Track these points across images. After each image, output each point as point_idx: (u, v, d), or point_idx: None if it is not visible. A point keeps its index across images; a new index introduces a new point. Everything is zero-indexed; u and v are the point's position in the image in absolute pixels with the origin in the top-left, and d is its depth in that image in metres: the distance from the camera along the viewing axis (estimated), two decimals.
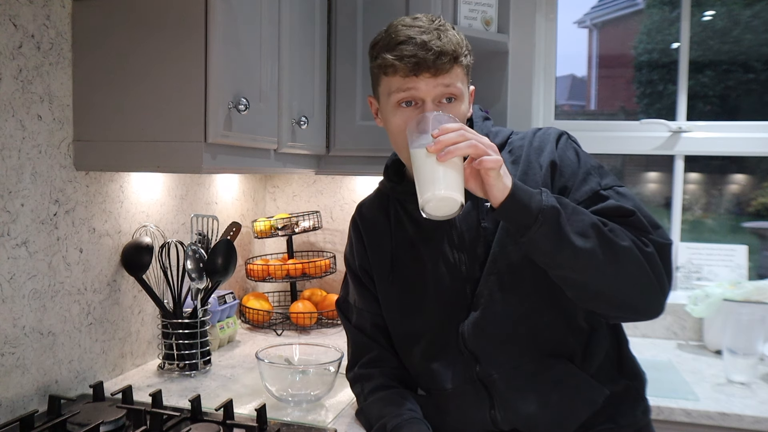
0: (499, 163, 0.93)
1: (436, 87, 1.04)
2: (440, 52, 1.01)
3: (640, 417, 1.15)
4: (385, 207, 1.23)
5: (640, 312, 1.05)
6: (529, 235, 0.95)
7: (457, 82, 1.06)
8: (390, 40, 1.05)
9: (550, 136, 1.13)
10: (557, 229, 0.94)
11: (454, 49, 1.03)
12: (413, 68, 1.02)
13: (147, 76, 1.22)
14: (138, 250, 1.47)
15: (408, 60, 1.02)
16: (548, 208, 0.94)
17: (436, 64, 1.02)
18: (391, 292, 1.20)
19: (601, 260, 0.96)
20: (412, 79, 1.03)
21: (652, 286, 1.00)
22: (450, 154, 0.92)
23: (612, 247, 0.97)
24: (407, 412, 1.09)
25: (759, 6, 2.17)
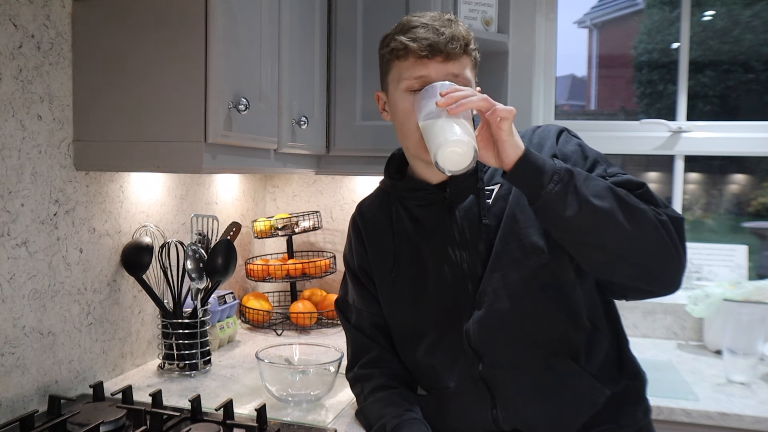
0: (512, 113, 0.94)
1: (447, 74, 1.06)
2: (452, 37, 1.05)
3: (641, 417, 1.15)
4: (386, 206, 1.23)
5: (658, 280, 1.02)
6: (544, 196, 0.93)
7: (466, 71, 1.08)
8: (403, 26, 1.09)
9: (551, 132, 1.13)
10: (573, 189, 0.94)
11: (464, 37, 1.07)
12: (426, 50, 1.05)
13: (147, 76, 1.22)
14: (138, 250, 1.47)
15: (421, 41, 1.05)
16: (562, 169, 0.95)
17: (447, 48, 1.04)
18: (392, 291, 1.20)
19: (620, 219, 0.95)
20: (424, 62, 1.06)
21: (669, 252, 0.98)
22: (462, 107, 0.92)
23: (629, 207, 0.96)
24: (407, 413, 1.09)
25: (759, 6, 2.17)
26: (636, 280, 1.02)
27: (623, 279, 1.03)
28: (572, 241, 1.00)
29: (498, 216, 1.10)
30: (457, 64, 1.06)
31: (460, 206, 1.12)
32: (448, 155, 0.93)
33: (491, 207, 1.10)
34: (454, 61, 1.06)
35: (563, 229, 0.98)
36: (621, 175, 1.04)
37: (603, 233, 0.96)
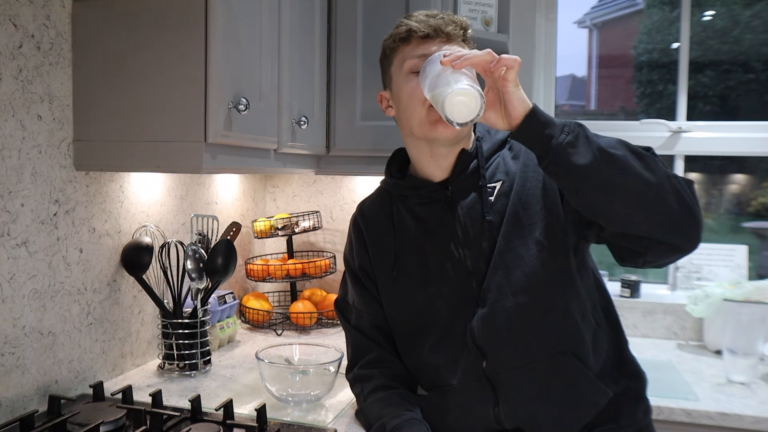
0: (517, 62, 0.94)
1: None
2: (451, 20, 1.11)
3: (641, 417, 1.15)
4: (386, 205, 1.24)
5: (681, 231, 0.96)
6: (554, 147, 0.91)
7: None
8: (406, 19, 1.14)
9: None
10: (584, 139, 0.93)
11: (463, 23, 1.12)
12: (428, 29, 1.10)
13: (147, 76, 1.22)
14: (138, 250, 1.47)
15: (424, 23, 1.11)
16: (572, 122, 0.94)
17: (448, 29, 1.10)
18: (394, 290, 1.20)
19: (636, 165, 0.93)
20: (427, 42, 1.10)
21: (686, 201, 0.95)
22: (465, 61, 0.94)
23: (643, 156, 0.95)
24: (407, 413, 1.09)
25: (759, 6, 2.17)
26: (659, 228, 0.96)
27: (645, 229, 0.96)
28: (589, 194, 0.95)
29: (500, 213, 1.10)
30: (458, 45, 1.10)
31: (462, 203, 1.12)
32: (455, 104, 0.94)
33: (494, 204, 1.11)
34: (455, 42, 1.10)
35: (578, 182, 0.94)
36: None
37: (620, 179, 0.93)
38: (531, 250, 1.07)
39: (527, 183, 1.10)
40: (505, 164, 1.13)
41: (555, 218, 1.08)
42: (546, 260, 1.06)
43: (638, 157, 0.95)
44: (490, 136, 1.16)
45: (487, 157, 1.14)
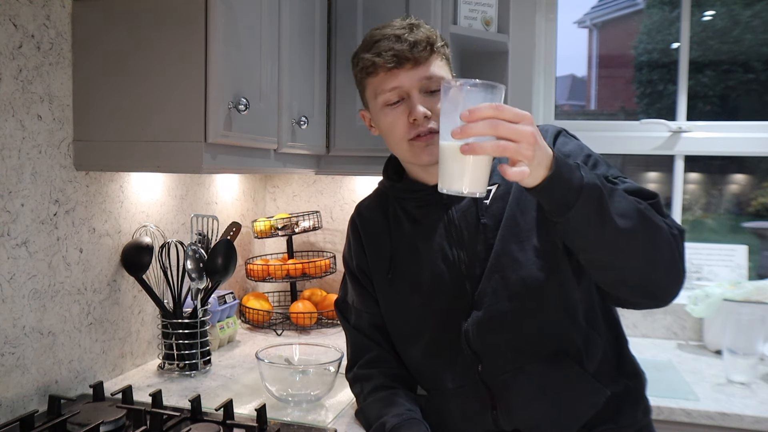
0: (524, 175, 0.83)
1: (420, 79, 1.06)
2: (415, 42, 1.05)
3: (641, 417, 1.15)
4: (384, 207, 1.24)
5: (659, 297, 1.00)
6: (569, 215, 0.88)
7: (439, 71, 1.07)
8: (367, 43, 1.10)
9: (548, 132, 1.13)
10: (599, 209, 0.88)
11: (428, 37, 1.06)
12: (393, 61, 1.05)
13: (147, 76, 1.22)
14: (138, 250, 1.47)
15: (386, 54, 1.05)
16: (589, 185, 0.87)
17: (413, 53, 1.05)
18: (390, 292, 1.20)
19: (640, 242, 0.92)
20: (394, 73, 1.06)
21: (677, 271, 0.97)
22: (473, 152, 0.82)
23: (651, 227, 0.93)
24: (406, 413, 1.09)
25: (759, 6, 2.17)
26: (638, 296, 1.01)
27: (626, 295, 1.02)
28: (588, 258, 0.96)
29: (496, 216, 1.09)
30: (427, 67, 1.06)
31: (457, 207, 1.12)
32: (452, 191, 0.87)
33: (489, 207, 1.10)
34: (423, 65, 1.06)
35: (582, 247, 0.95)
36: (631, 184, 1.01)
37: (620, 255, 0.93)
38: (528, 255, 1.06)
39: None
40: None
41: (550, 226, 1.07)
42: (542, 266, 1.06)
43: (646, 228, 0.93)
44: None
45: None
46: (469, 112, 0.81)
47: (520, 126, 0.82)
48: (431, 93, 1.07)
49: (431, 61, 1.07)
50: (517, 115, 0.82)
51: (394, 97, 1.08)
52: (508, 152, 0.81)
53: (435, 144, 1.05)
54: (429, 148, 1.07)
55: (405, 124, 1.08)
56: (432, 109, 1.06)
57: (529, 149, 0.82)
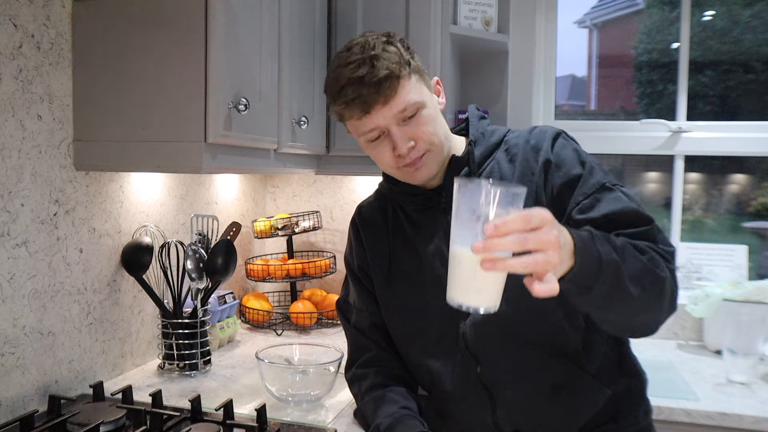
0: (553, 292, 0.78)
1: (394, 116, 1.03)
2: (378, 82, 1.00)
3: (642, 417, 1.15)
4: (383, 208, 1.24)
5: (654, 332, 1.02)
6: (589, 296, 0.88)
7: (412, 96, 1.04)
8: (333, 88, 1.05)
9: (546, 134, 1.11)
10: (617, 283, 0.88)
11: (391, 71, 1.01)
12: (362, 107, 1.02)
13: (147, 76, 1.22)
14: (138, 250, 1.47)
15: (354, 103, 1.02)
16: (608, 262, 0.86)
17: (380, 93, 1.01)
18: (389, 293, 1.20)
19: (649, 301, 0.94)
20: (368, 117, 1.04)
21: (674, 308, 1.00)
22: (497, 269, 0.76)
23: (658, 284, 0.95)
24: (401, 410, 1.08)
25: (759, 6, 2.17)
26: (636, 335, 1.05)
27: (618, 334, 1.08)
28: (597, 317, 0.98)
29: None
30: (398, 101, 1.02)
31: None
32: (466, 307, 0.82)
33: None
34: (393, 99, 1.02)
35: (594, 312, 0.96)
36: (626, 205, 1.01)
37: (630, 315, 0.96)
38: None
39: None
40: (499, 168, 1.11)
41: None
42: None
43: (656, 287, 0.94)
44: (484, 138, 1.15)
45: (480, 162, 1.13)
46: (495, 227, 0.74)
47: (544, 232, 0.76)
48: (411, 118, 1.05)
49: (400, 92, 1.02)
50: (542, 219, 0.76)
51: (374, 134, 1.06)
52: (537, 267, 0.76)
53: (425, 165, 1.07)
54: (420, 170, 1.08)
55: (391, 156, 1.07)
56: (415, 136, 1.05)
57: (556, 256, 0.77)
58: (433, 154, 1.08)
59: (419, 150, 1.06)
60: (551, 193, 1.06)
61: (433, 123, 1.07)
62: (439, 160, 1.09)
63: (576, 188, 1.04)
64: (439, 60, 1.73)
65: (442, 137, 1.09)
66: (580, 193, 1.03)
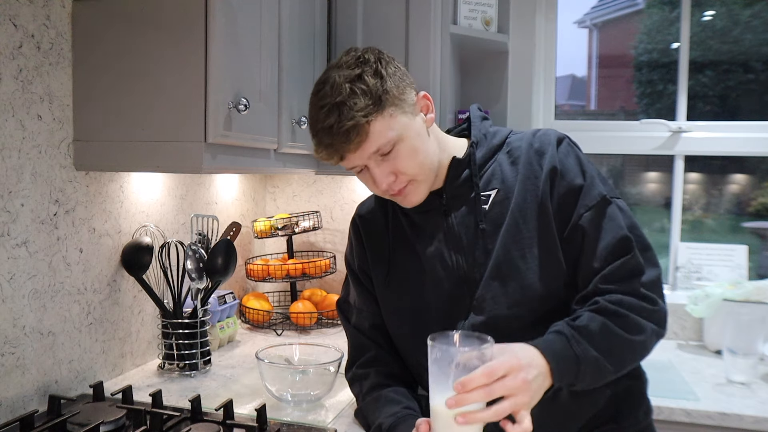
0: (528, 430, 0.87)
1: (368, 157, 1.04)
2: (347, 131, 1.00)
3: (642, 417, 1.14)
4: (383, 209, 1.23)
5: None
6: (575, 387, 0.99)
7: (386, 135, 1.02)
8: (311, 130, 1.07)
9: (551, 138, 1.11)
10: (599, 370, 0.98)
11: (356, 121, 0.99)
12: (337, 155, 1.04)
13: (147, 76, 1.22)
14: (138, 250, 1.47)
15: (328, 150, 1.04)
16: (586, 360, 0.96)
17: (349, 142, 1.01)
18: (389, 294, 1.19)
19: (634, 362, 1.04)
20: (345, 161, 1.06)
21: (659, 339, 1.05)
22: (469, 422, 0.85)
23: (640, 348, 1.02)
24: (402, 410, 1.09)
25: (759, 6, 2.17)
26: None
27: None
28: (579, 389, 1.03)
29: (496, 221, 1.09)
30: (371, 142, 1.02)
31: (456, 212, 1.12)
32: None
33: (488, 212, 1.10)
34: (366, 142, 1.02)
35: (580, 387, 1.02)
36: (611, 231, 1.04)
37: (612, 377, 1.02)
38: (529, 263, 1.06)
39: (528, 195, 1.08)
40: (501, 171, 1.11)
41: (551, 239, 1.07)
42: (543, 275, 1.06)
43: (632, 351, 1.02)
44: (486, 140, 1.15)
45: (481, 164, 1.13)
46: (462, 384, 0.84)
47: (511, 379, 0.86)
48: (389, 153, 1.04)
49: (371, 136, 1.01)
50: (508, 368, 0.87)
51: (357, 170, 1.09)
52: (506, 413, 0.86)
53: (412, 193, 1.09)
54: (407, 198, 1.10)
55: (375, 187, 1.09)
56: (395, 170, 1.05)
57: (526, 395, 0.88)
58: (418, 183, 1.09)
59: (401, 182, 1.07)
60: (556, 202, 1.07)
61: (414, 153, 1.06)
62: (428, 184, 1.10)
63: (579, 199, 1.06)
64: (439, 60, 1.73)
65: (428, 162, 1.08)
66: (582, 205, 1.05)
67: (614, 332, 0.99)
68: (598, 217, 1.05)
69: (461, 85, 2.09)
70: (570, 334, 0.97)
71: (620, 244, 1.04)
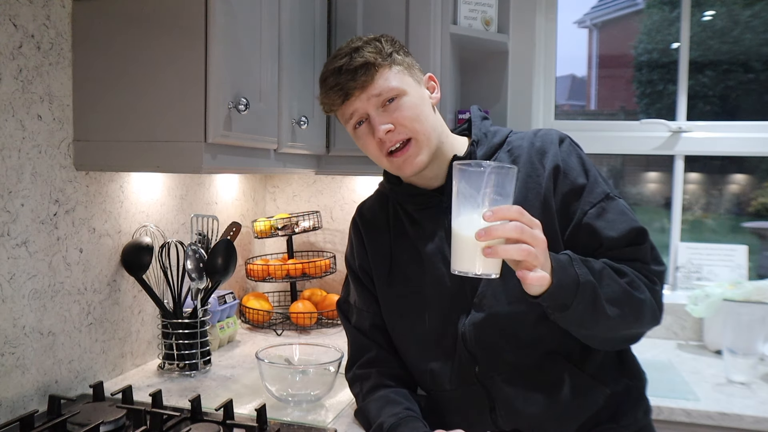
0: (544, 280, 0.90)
1: (370, 99, 1.08)
2: (354, 70, 1.06)
3: (642, 417, 1.15)
4: (384, 208, 1.24)
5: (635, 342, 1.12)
6: (567, 312, 0.96)
7: (390, 83, 1.07)
8: (321, 81, 1.12)
9: (553, 137, 1.12)
10: (593, 304, 0.96)
11: (366, 60, 1.06)
12: (341, 95, 1.08)
13: (147, 76, 1.22)
14: (138, 250, 1.47)
15: (332, 91, 1.08)
16: (584, 284, 0.95)
17: (356, 80, 1.06)
18: (389, 293, 1.20)
19: (628, 321, 1.02)
20: (347, 103, 1.09)
21: (654, 324, 1.07)
22: (496, 255, 0.86)
23: (636, 306, 1.01)
24: (404, 411, 1.09)
25: (759, 6, 2.17)
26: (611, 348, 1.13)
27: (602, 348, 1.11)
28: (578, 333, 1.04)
29: None
30: (374, 86, 1.07)
31: None
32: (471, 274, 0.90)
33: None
34: (370, 85, 1.07)
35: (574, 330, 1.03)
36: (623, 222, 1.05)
37: (608, 333, 1.03)
38: None
39: (529, 194, 1.09)
40: None
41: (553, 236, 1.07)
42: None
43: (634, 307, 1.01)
44: (486, 139, 1.15)
45: None
46: (493, 212, 0.86)
47: (537, 231, 0.89)
48: (390, 102, 1.08)
49: (376, 79, 1.07)
50: (532, 220, 0.89)
51: (355, 120, 1.10)
52: (530, 257, 0.87)
53: (412, 156, 1.09)
54: (408, 161, 1.09)
55: (374, 142, 1.10)
56: (394, 121, 1.08)
57: (543, 255, 0.89)
58: (418, 143, 1.09)
59: (399, 134, 1.08)
60: (559, 200, 1.07)
61: (415, 110, 1.08)
62: (428, 150, 1.10)
63: (582, 197, 1.07)
64: (439, 60, 1.73)
65: (429, 127, 1.10)
66: (586, 203, 1.06)
67: (614, 277, 1.00)
68: (605, 212, 1.06)
69: (461, 85, 2.09)
70: (574, 257, 0.98)
71: (634, 232, 1.05)
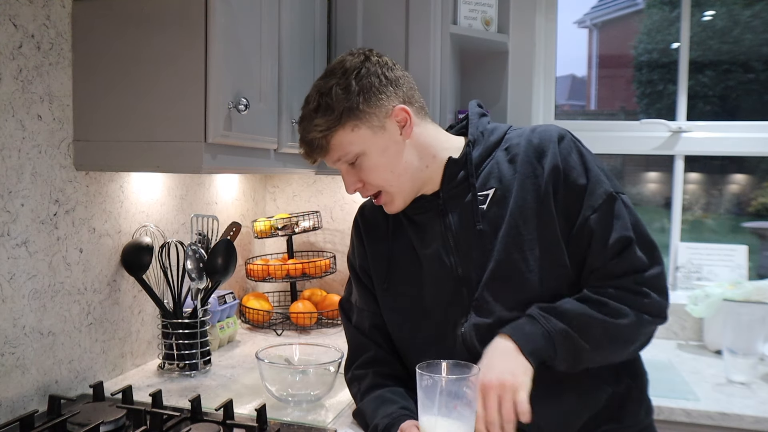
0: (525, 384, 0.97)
1: (335, 163, 1.12)
2: (310, 141, 1.09)
3: (644, 417, 1.14)
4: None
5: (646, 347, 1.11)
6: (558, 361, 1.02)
7: (345, 147, 1.09)
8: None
9: (552, 135, 1.11)
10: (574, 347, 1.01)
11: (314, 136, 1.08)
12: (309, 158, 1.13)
13: (147, 76, 1.22)
14: (138, 250, 1.47)
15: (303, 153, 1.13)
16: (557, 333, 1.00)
17: (313, 151, 1.10)
18: (389, 293, 1.19)
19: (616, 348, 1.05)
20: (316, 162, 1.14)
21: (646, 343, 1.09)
22: None
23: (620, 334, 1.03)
24: (398, 410, 1.08)
25: (759, 6, 2.17)
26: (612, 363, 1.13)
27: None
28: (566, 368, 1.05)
29: (493, 222, 1.08)
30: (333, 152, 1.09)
31: (453, 213, 1.12)
32: None
33: (485, 213, 1.09)
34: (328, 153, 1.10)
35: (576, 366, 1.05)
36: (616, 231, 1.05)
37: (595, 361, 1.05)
38: (530, 265, 1.06)
39: (527, 195, 1.08)
40: (499, 169, 1.10)
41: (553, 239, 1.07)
42: (544, 276, 1.06)
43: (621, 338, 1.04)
44: (483, 138, 1.14)
45: (477, 163, 1.12)
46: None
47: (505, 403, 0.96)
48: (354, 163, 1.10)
49: (332, 147, 1.09)
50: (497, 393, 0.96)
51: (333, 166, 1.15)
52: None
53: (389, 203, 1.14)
54: (386, 206, 1.15)
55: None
56: (361, 180, 1.12)
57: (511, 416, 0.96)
58: (389, 194, 1.13)
59: (368, 190, 1.13)
60: (560, 202, 1.06)
61: (377, 168, 1.10)
62: (403, 195, 1.13)
63: (584, 199, 1.06)
64: (439, 60, 1.73)
65: (398, 175, 1.10)
66: (588, 207, 1.05)
67: (588, 313, 1.02)
68: (606, 216, 1.05)
69: (461, 85, 2.09)
70: (537, 314, 1.02)
71: (620, 243, 1.04)
